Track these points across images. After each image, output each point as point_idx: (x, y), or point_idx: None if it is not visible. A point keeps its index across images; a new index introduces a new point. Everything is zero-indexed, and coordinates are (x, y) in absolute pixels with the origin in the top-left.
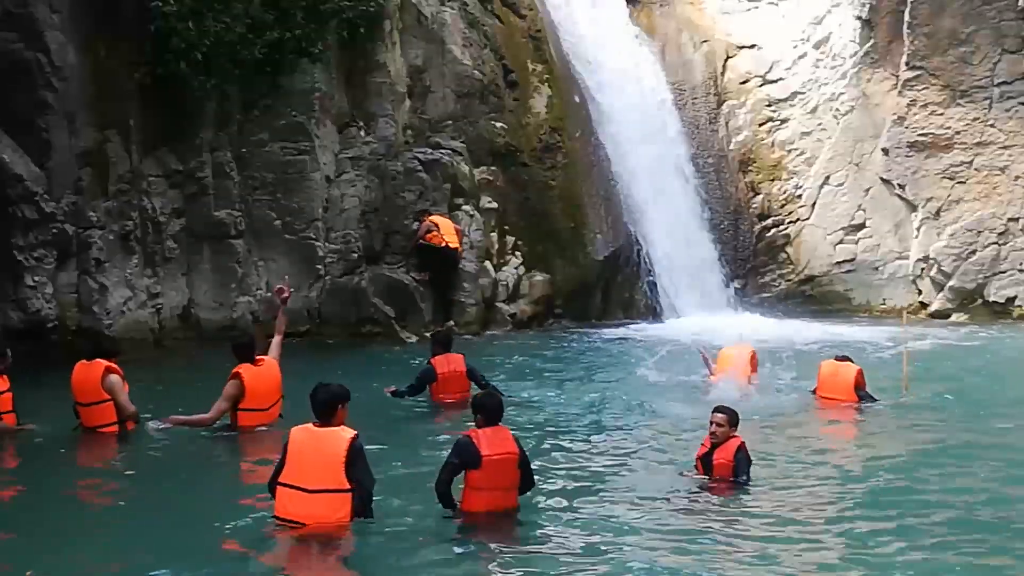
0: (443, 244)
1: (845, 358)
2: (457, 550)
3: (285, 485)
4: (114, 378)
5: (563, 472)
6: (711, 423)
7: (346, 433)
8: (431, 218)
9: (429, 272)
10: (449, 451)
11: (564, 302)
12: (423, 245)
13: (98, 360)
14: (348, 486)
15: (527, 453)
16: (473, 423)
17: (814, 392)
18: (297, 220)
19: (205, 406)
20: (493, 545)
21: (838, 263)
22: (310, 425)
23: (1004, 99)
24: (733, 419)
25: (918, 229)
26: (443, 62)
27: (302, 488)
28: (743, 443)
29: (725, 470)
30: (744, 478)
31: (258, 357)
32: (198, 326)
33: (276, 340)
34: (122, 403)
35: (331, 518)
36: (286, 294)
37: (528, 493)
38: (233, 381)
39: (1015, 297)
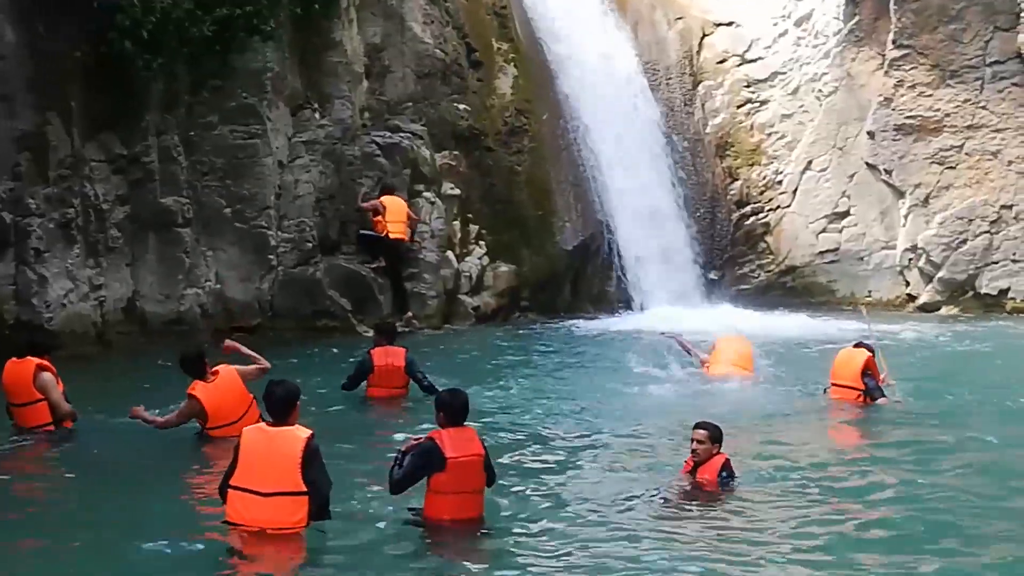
0: (384, 233)
1: (860, 344)
2: (421, 563)
3: (237, 488)
4: (46, 376)
5: (532, 479)
6: (692, 440)
7: (301, 432)
8: (383, 199)
9: (382, 259)
10: (399, 453)
11: (531, 294)
12: (363, 234)
13: (29, 358)
14: (304, 488)
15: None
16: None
17: (826, 391)
18: (248, 208)
19: (148, 404)
20: (459, 557)
21: (821, 253)
22: (263, 425)
23: (996, 79)
24: (715, 435)
25: (905, 217)
26: (403, 40)
27: (255, 491)
28: (728, 460)
29: (712, 488)
30: (728, 482)
31: (212, 369)
32: (143, 320)
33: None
34: (55, 401)
35: (287, 522)
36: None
37: (490, 491)
38: (189, 403)
39: (1008, 289)
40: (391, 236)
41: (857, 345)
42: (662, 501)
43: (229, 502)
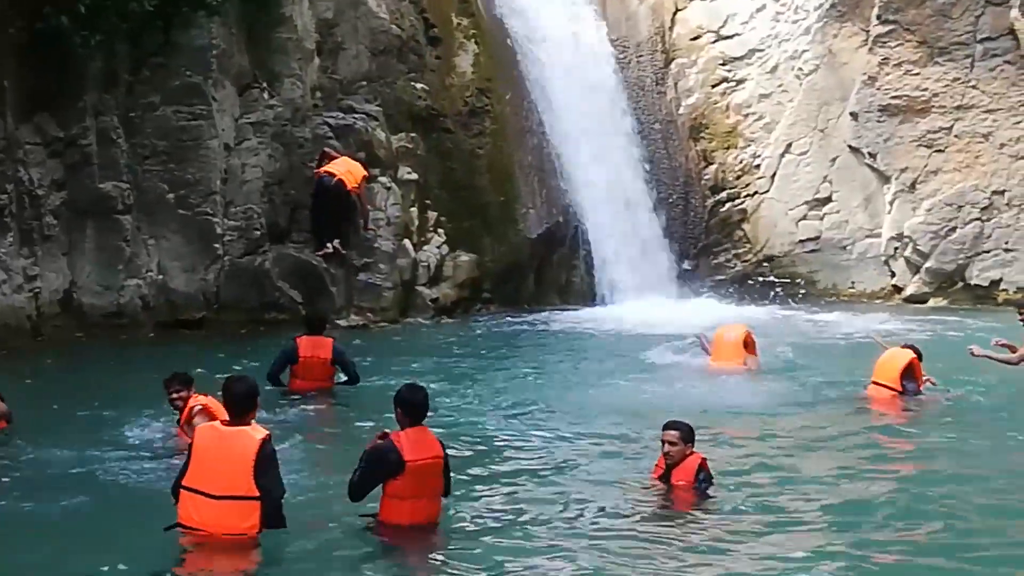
0: (321, 175)
1: (909, 347)
2: (377, 571)
3: (189, 489)
4: None
5: (494, 483)
6: (663, 441)
7: (256, 434)
8: (328, 149)
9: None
10: (362, 455)
11: (493, 285)
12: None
13: None
14: (256, 493)
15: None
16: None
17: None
18: (192, 193)
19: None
20: (418, 565)
21: (801, 242)
22: (217, 423)
23: (987, 57)
24: (687, 435)
25: (891, 203)
26: (356, 15)
27: (206, 494)
28: (704, 460)
29: (688, 492)
30: (705, 486)
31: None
32: (81, 312)
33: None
34: None
35: (237, 527)
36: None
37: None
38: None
39: (1000, 280)
40: (329, 173)
41: (904, 346)
42: (633, 507)
43: (181, 503)
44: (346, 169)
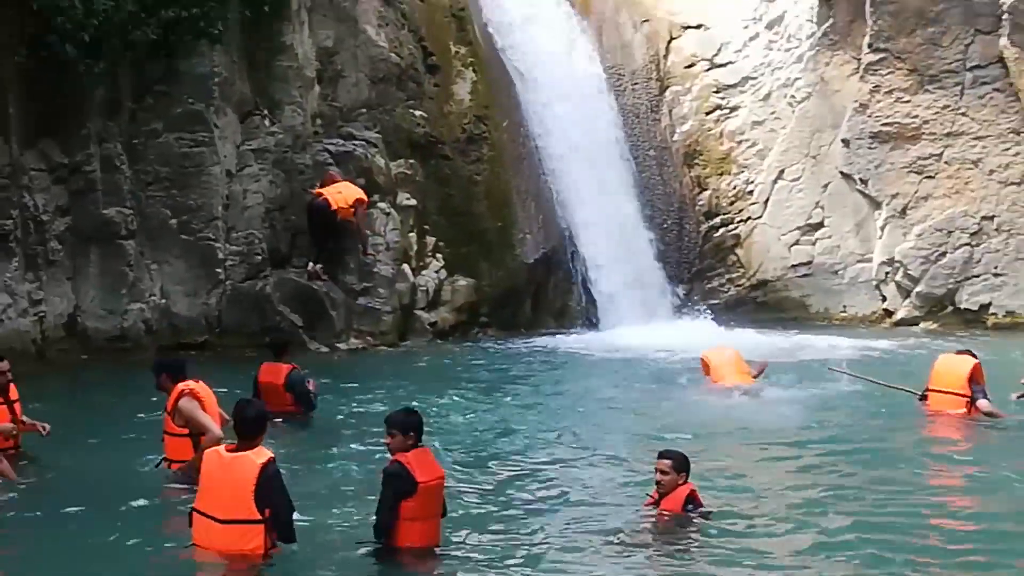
0: (315, 195)
1: (966, 351)
2: None
3: (199, 513)
4: None
5: (489, 510)
6: (656, 470)
7: (258, 458)
8: (332, 172)
9: (319, 259)
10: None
11: (490, 310)
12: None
13: None
14: (258, 516)
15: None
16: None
17: (923, 397)
18: (194, 219)
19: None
20: None
21: (793, 266)
22: (221, 449)
23: (977, 85)
24: (680, 464)
25: (882, 229)
26: (356, 44)
27: (213, 517)
28: (694, 491)
29: (674, 522)
30: (692, 516)
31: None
32: (85, 336)
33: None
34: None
35: (243, 549)
36: None
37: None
38: None
39: (989, 304)
40: (321, 198)
41: (961, 352)
42: (620, 538)
43: (193, 525)
44: (337, 191)
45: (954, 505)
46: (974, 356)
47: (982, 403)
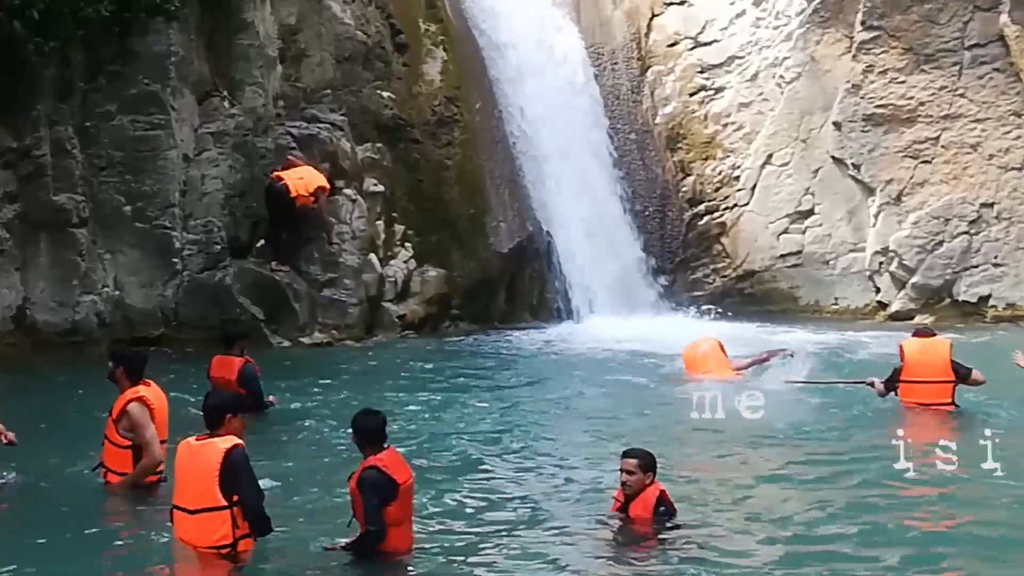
0: (274, 179)
1: (929, 332)
2: None
3: (175, 507)
4: None
5: (449, 517)
6: (621, 471)
7: (223, 443)
8: (293, 157)
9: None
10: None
11: (462, 302)
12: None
13: None
14: (223, 503)
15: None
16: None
17: (896, 387)
18: (150, 206)
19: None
20: None
21: (782, 256)
22: (192, 439)
23: (976, 64)
24: (647, 463)
25: (876, 216)
26: (320, 21)
27: (185, 509)
28: (664, 492)
29: (646, 526)
30: (665, 519)
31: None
32: (34, 330)
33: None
34: None
35: (210, 540)
36: None
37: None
38: None
39: (988, 296)
40: (278, 183)
41: (923, 333)
42: (591, 547)
43: (173, 520)
44: (298, 176)
45: (932, 505)
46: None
47: (976, 373)
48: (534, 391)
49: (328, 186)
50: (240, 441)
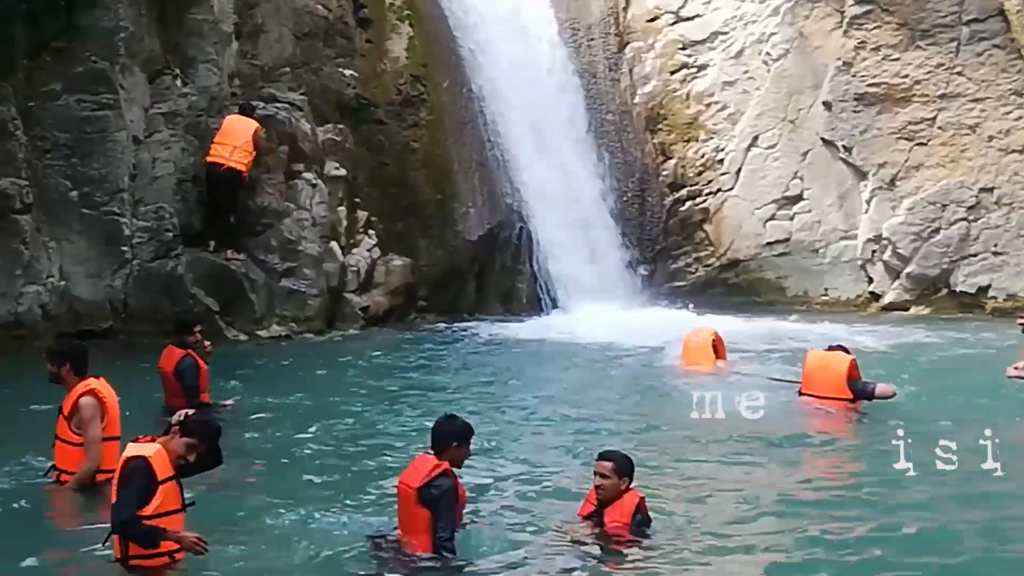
0: (210, 163)
1: (839, 347)
2: None
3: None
4: None
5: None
6: (595, 474)
7: (133, 450)
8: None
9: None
10: None
11: (429, 292)
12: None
13: None
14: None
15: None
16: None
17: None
18: (98, 191)
19: None
20: None
21: (768, 244)
22: (138, 441)
23: (974, 40)
24: (623, 468)
25: (868, 202)
26: None
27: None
28: (642, 500)
29: (622, 533)
30: (641, 529)
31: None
32: None
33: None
34: None
35: (118, 553)
36: None
37: None
38: None
39: (988, 286)
40: (218, 164)
41: (832, 348)
42: (565, 552)
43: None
44: (231, 146)
45: (932, 505)
46: (847, 352)
47: (881, 388)
48: (504, 388)
49: (259, 126)
50: (151, 453)
